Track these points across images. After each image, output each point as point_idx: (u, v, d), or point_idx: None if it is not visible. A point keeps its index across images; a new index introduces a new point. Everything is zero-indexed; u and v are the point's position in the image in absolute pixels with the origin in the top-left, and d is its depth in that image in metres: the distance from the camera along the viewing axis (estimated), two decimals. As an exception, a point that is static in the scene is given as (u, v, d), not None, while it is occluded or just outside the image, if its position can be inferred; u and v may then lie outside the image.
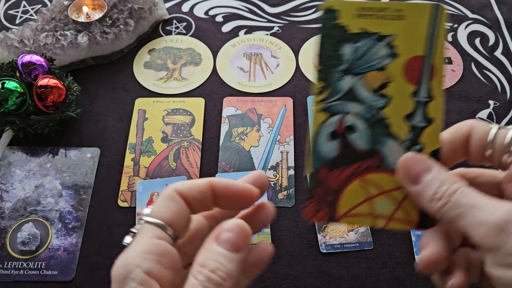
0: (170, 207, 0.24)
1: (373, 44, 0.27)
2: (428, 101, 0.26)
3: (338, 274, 0.48)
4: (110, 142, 0.58)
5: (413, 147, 0.26)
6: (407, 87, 0.27)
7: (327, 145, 0.27)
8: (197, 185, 0.25)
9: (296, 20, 0.72)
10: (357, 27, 0.27)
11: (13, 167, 0.56)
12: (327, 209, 0.26)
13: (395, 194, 0.26)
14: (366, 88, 0.27)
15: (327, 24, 0.27)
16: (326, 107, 0.27)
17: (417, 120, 0.26)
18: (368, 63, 0.27)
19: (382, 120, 0.27)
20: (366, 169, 0.26)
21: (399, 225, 0.26)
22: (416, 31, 0.27)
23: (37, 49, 0.61)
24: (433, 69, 0.27)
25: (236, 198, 0.26)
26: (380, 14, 0.27)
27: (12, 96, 0.53)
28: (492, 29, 0.71)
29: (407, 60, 0.27)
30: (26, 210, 0.52)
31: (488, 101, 0.62)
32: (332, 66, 0.27)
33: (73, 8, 0.65)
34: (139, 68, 0.66)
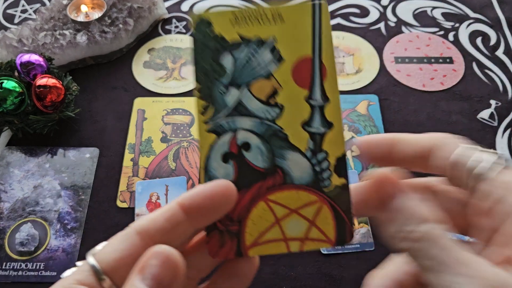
0: (120, 251, 0.20)
1: (254, 50, 0.25)
2: (324, 104, 0.24)
3: (339, 275, 0.47)
4: (109, 142, 0.58)
5: (315, 156, 0.24)
6: (299, 91, 0.24)
7: (222, 168, 0.24)
8: (162, 212, 0.21)
9: (297, 19, 0.71)
10: (235, 34, 0.25)
11: (11, 167, 0.55)
12: (232, 242, 0.23)
13: (306, 212, 0.24)
14: (255, 100, 0.24)
15: (201, 37, 0.25)
16: (213, 127, 0.24)
17: (316, 126, 0.24)
18: (252, 71, 0.24)
19: (278, 132, 0.24)
20: (269, 189, 0.24)
21: (316, 245, 0.24)
22: (299, 31, 0.25)
23: (36, 49, 0.61)
24: (324, 69, 0.24)
25: (209, 205, 0.21)
26: (258, 18, 0.25)
27: (11, 95, 0.52)
28: (494, 28, 0.70)
29: (294, 63, 0.24)
30: (24, 211, 0.52)
31: (489, 101, 0.62)
32: (212, 81, 0.24)
33: (72, 8, 0.65)
34: (138, 68, 0.65)
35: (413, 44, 0.68)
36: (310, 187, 0.24)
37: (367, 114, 0.60)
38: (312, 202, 0.24)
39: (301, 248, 0.24)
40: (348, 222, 0.24)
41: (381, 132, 0.58)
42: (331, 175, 0.24)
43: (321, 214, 0.24)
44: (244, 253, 0.24)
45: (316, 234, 0.24)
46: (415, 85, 0.63)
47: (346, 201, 0.24)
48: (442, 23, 0.71)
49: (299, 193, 0.24)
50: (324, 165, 0.24)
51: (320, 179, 0.24)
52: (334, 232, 0.24)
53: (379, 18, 0.71)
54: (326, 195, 0.24)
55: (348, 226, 0.24)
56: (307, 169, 0.24)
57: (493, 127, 0.59)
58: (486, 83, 0.64)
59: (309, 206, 0.24)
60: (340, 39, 0.69)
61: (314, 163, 0.24)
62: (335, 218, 0.24)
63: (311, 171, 0.24)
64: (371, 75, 0.64)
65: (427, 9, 0.73)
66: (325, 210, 0.24)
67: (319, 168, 0.24)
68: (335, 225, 0.24)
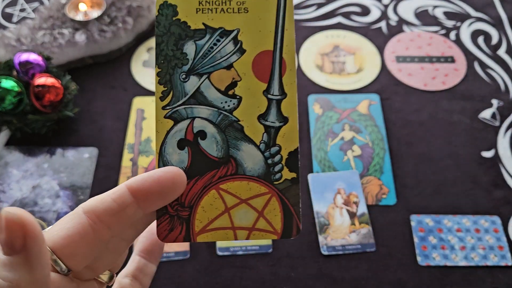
0: (67, 230, 0.20)
1: (217, 40, 0.25)
2: (281, 98, 0.25)
3: (339, 276, 0.47)
4: (108, 142, 0.57)
5: (269, 149, 0.24)
6: (258, 85, 0.25)
7: (177, 154, 0.24)
8: (110, 193, 0.21)
9: (297, 18, 0.71)
10: (199, 22, 0.25)
11: (10, 167, 0.55)
12: (181, 227, 0.24)
13: (255, 203, 0.24)
14: (214, 89, 0.25)
15: (164, 21, 0.25)
16: (171, 113, 0.24)
17: (271, 120, 0.24)
18: (214, 61, 0.25)
19: (234, 123, 0.24)
20: (221, 178, 0.24)
21: (263, 235, 0.24)
22: (262, 24, 0.25)
23: (35, 48, 0.60)
24: (284, 64, 0.25)
25: (156, 190, 0.21)
26: (222, 7, 0.25)
27: (9, 95, 0.52)
28: (496, 27, 0.70)
29: (255, 56, 0.25)
30: (23, 211, 0.52)
31: (491, 101, 0.61)
32: (173, 67, 0.25)
33: (70, 7, 0.65)
34: (137, 67, 0.65)
35: (415, 43, 0.68)
36: (261, 179, 0.24)
37: (368, 113, 0.60)
38: (262, 194, 0.24)
39: (247, 237, 0.24)
40: (296, 216, 0.24)
41: (382, 132, 0.58)
42: (282, 168, 0.24)
43: (269, 205, 0.24)
44: (192, 238, 0.24)
45: (264, 225, 0.24)
46: (416, 84, 0.63)
47: (295, 195, 0.24)
48: (444, 22, 0.70)
49: (250, 184, 0.24)
50: (276, 158, 0.24)
51: (272, 172, 0.24)
52: (281, 225, 0.24)
53: (380, 17, 0.71)
54: (276, 187, 0.24)
55: (295, 219, 0.24)
56: (260, 161, 0.24)
57: (495, 127, 0.59)
58: (488, 83, 0.63)
59: (259, 197, 0.24)
60: (341, 38, 0.68)
61: (267, 156, 0.24)
62: (283, 211, 0.24)
63: (264, 164, 0.24)
64: (372, 74, 0.64)
65: (429, 8, 0.72)
66: (274, 202, 0.24)
67: (272, 161, 0.24)
68: (282, 217, 0.24)
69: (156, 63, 0.25)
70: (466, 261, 0.48)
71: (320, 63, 0.65)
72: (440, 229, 0.50)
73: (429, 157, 0.56)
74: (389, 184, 0.54)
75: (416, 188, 0.53)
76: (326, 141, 0.57)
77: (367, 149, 0.56)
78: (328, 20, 0.71)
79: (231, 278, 0.47)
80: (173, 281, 0.47)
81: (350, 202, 0.52)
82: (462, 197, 0.53)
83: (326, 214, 0.51)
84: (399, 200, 0.52)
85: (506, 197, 0.53)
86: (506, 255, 0.48)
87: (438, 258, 0.48)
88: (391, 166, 0.55)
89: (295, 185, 0.24)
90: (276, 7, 0.25)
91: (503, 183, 0.54)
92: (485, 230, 0.50)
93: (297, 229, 0.24)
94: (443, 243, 0.49)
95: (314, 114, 0.60)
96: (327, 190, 0.53)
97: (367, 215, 0.51)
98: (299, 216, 0.24)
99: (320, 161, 0.55)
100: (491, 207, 0.52)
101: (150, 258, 0.28)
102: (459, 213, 0.51)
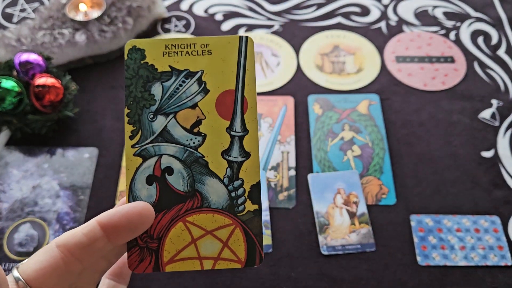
0: (40, 263, 0.22)
1: (182, 81, 0.26)
2: (243, 135, 0.26)
3: (339, 276, 0.47)
4: (108, 141, 0.57)
5: (232, 183, 0.26)
6: (221, 122, 0.26)
7: (146, 190, 0.25)
8: (82, 228, 0.23)
9: (297, 18, 0.71)
10: (166, 65, 0.26)
11: (10, 167, 0.55)
12: (151, 258, 0.25)
13: (220, 234, 0.26)
14: (180, 128, 0.26)
15: (133, 65, 0.26)
16: (140, 151, 0.26)
17: (234, 155, 0.26)
18: (180, 101, 0.26)
19: (199, 159, 0.26)
20: (188, 211, 0.26)
21: (227, 265, 0.26)
22: (225, 65, 0.27)
23: (35, 48, 0.61)
24: (245, 102, 0.26)
25: (125, 224, 0.23)
26: (187, 50, 0.27)
27: (9, 95, 0.52)
28: (495, 27, 0.70)
29: (218, 95, 0.26)
30: (23, 211, 0.52)
31: (491, 101, 0.61)
32: (142, 108, 0.26)
33: (71, 7, 0.65)
34: (138, 67, 0.65)
35: (414, 43, 0.68)
36: (225, 211, 0.26)
37: (368, 113, 0.60)
38: (226, 225, 0.26)
39: (213, 267, 0.26)
40: (258, 245, 0.26)
41: (382, 132, 0.58)
42: (245, 201, 0.26)
43: (233, 236, 0.26)
44: (161, 268, 0.25)
45: (228, 254, 0.26)
46: (416, 84, 0.63)
47: (258, 226, 0.26)
48: (444, 22, 0.70)
49: (215, 216, 0.26)
50: (239, 191, 0.26)
51: (235, 204, 0.26)
52: (245, 254, 0.26)
53: (380, 17, 0.71)
54: (240, 219, 0.26)
55: (258, 249, 0.26)
56: (224, 194, 0.26)
57: (495, 127, 0.59)
58: (487, 83, 0.63)
59: (223, 229, 0.26)
60: (341, 38, 0.68)
61: (230, 189, 0.26)
62: (246, 241, 0.26)
63: (227, 197, 0.26)
64: (372, 74, 0.64)
65: (428, 8, 0.73)
66: (237, 233, 0.26)
67: (235, 194, 0.26)
68: (246, 247, 0.26)
69: (125, 104, 0.26)
70: (466, 261, 0.48)
71: (320, 63, 0.65)
72: (440, 229, 0.50)
73: (429, 157, 0.56)
74: (389, 184, 0.54)
75: (416, 188, 0.53)
76: (326, 141, 0.57)
77: (367, 149, 0.56)
78: (328, 20, 0.71)
79: (231, 278, 0.47)
80: (173, 281, 0.47)
81: (350, 202, 0.52)
82: (462, 197, 0.53)
83: (326, 214, 0.51)
84: (399, 200, 0.52)
85: (506, 197, 0.53)
86: (505, 255, 0.48)
87: (438, 258, 0.48)
88: (391, 166, 0.55)
89: (257, 216, 0.26)
90: (238, 49, 0.27)
91: (502, 183, 0.54)
92: (485, 230, 0.50)
93: (260, 257, 0.26)
94: (443, 243, 0.49)
95: (314, 114, 0.60)
96: (327, 190, 0.53)
97: (367, 215, 0.51)
98: (261, 245, 0.26)
99: (320, 161, 0.55)
100: (491, 207, 0.52)
101: (119, 280, 0.29)
102: (459, 213, 0.51)
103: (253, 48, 0.27)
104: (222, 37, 0.27)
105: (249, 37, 0.27)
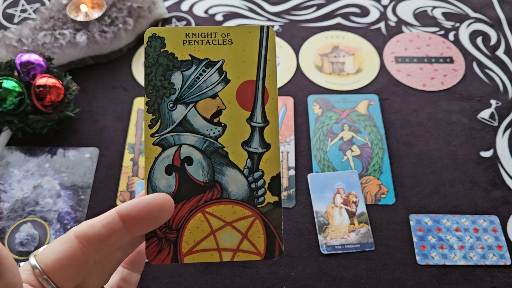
0: (58, 253, 0.21)
1: (203, 70, 0.26)
2: (263, 126, 0.26)
3: (339, 275, 0.47)
4: (109, 142, 0.57)
5: (252, 174, 0.26)
6: (242, 113, 0.26)
7: (165, 179, 0.25)
8: (101, 219, 0.22)
9: (297, 19, 0.71)
10: (186, 53, 0.26)
11: (11, 167, 0.55)
12: (169, 249, 0.25)
13: (239, 225, 0.25)
14: (200, 117, 0.26)
15: (153, 53, 0.26)
16: (159, 140, 0.26)
17: (254, 146, 0.26)
18: (200, 91, 0.26)
19: (219, 149, 0.26)
20: (207, 202, 0.25)
21: (246, 257, 0.25)
22: (246, 55, 0.26)
23: (36, 48, 0.61)
24: (266, 93, 0.26)
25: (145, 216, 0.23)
26: (207, 39, 0.26)
27: (10, 95, 0.52)
28: (494, 28, 0.70)
29: (239, 86, 0.26)
30: (24, 211, 0.52)
31: (490, 101, 0.61)
32: (161, 97, 0.26)
33: (71, 7, 0.65)
34: (138, 67, 0.65)
35: (414, 43, 0.68)
36: (245, 202, 0.26)
37: (367, 114, 0.60)
38: (246, 217, 0.25)
39: (232, 258, 0.25)
40: (278, 237, 0.26)
41: (381, 132, 0.58)
42: (265, 192, 0.26)
43: (253, 228, 0.25)
44: (180, 259, 0.25)
45: (247, 246, 0.25)
46: (415, 84, 0.63)
47: (278, 218, 0.26)
48: (443, 23, 0.71)
49: (235, 208, 0.25)
50: (259, 183, 0.26)
51: (255, 195, 0.26)
52: (264, 246, 0.25)
53: (379, 18, 0.71)
54: (259, 211, 0.26)
55: (277, 241, 0.25)
56: (244, 185, 0.26)
57: (494, 127, 0.59)
58: (486, 83, 0.63)
59: (243, 220, 0.25)
60: (340, 39, 0.69)
61: (250, 180, 0.26)
62: (266, 233, 0.25)
63: (247, 188, 0.26)
64: (371, 74, 0.64)
65: (428, 8, 0.73)
66: (257, 225, 0.25)
67: (255, 185, 0.26)
68: (265, 239, 0.25)
69: (145, 93, 0.26)
70: (465, 261, 0.48)
71: (319, 64, 0.66)
72: (439, 228, 0.50)
73: (428, 157, 0.56)
74: (388, 183, 0.54)
75: (415, 188, 0.54)
76: (325, 141, 0.57)
77: (366, 149, 0.57)
78: (328, 21, 0.71)
79: (231, 277, 0.47)
80: (173, 280, 0.47)
81: (350, 201, 0.52)
82: (461, 196, 0.53)
83: (326, 213, 0.51)
84: (398, 200, 0.53)
85: (505, 196, 0.53)
86: (504, 255, 0.48)
87: (437, 257, 0.48)
88: (390, 166, 0.55)
89: (277, 208, 0.26)
90: (259, 39, 0.26)
91: (501, 183, 0.54)
92: (484, 230, 0.50)
93: (280, 250, 0.25)
94: (442, 242, 0.49)
95: (314, 114, 0.60)
96: (327, 190, 0.53)
97: (366, 214, 0.51)
98: (281, 238, 0.26)
99: (319, 161, 0.56)
100: (490, 207, 0.52)
101: (133, 268, 0.29)
102: (458, 213, 0.52)
103: (274, 38, 0.27)
104: (244, 26, 0.27)
105: (270, 27, 0.27)
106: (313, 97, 0.62)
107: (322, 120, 0.59)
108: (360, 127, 0.59)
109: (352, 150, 0.57)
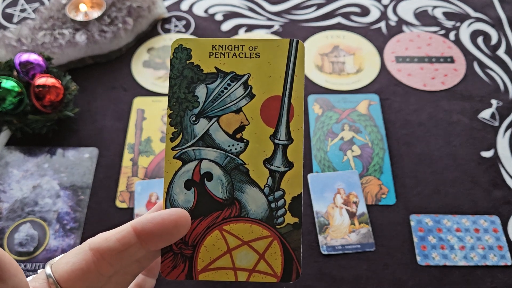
0: (72, 264, 0.21)
1: (228, 84, 0.25)
2: (287, 144, 0.25)
3: (339, 275, 0.47)
4: (108, 142, 0.57)
5: (273, 193, 0.25)
6: (265, 129, 0.25)
7: (183, 194, 0.25)
8: (116, 233, 0.22)
9: (297, 18, 0.71)
10: (211, 66, 0.25)
11: (10, 167, 0.55)
12: (184, 265, 0.24)
13: (257, 245, 0.25)
14: (222, 132, 0.25)
15: (178, 64, 0.25)
16: (180, 154, 0.25)
17: (277, 164, 0.25)
18: (223, 105, 0.25)
19: (240, 166, 0.25)
20: (225, 219, 0.25)
21: (262, 278, 0.24)
22: (273, 69, 0.25)
23: (35, 48, 0.61)
24: (292, 110, 0.25)
25: (160, 232, 0.22)
26: (234, 52, 0.26)
27: (10, 95, 0.52)
28: (495, 27, 0.70)
29: (264, 101, 0.25)
30: (23, 211, 0.52)
31: (490, 101, 0.61)
32: (184, 110, 0.25)
33: (71, 7, 0.65)
34: (137, 67, 0.65)
35: (414, 43, 0.68)
36: (264, 222, 0.25)
37: (368, 113, 0.60)
38: (264, 237, 0.25)
39: (247, 279, 0.25)
40: (296, 260, 0.25)
41: (382, 132, 0.58)
42: (285, 213, 0.25)
43: (271, 249, 0.25)
44: (194, 276, 0.24)
45: (264, 267, 0.25)
46: (416, 84, 0.63)
47: (297, 240, 0.25)
48: (443, 23, 0.71)
49: (253, 227, 0.25)
50: (280, 203, 0.25)
51: (275, 215, 0.25)
52: (281, 268, 0.24)
53: (380, 17, 0.71)
54: (278, 231, 0.25)
55: (295, 264, 0.25)
56: (263, 204, 0.25)
57: (494, 127, 0.59)
58: (487, 83, 0.63)
59: (260, 240, 0.25)
60: (340, 39, 0.68)
61: (270, 200, 0.25)
62: (283, 255, 0.25)
63: (267, 207, 0.25)
64: (371, 74, 0.64)
65: (428, 8, 0.73)
66: (275, 246, 0.25)
67: (275, 205, 0.25)
68: (283, 261, 0.25)
69: (168, 105, 0.25)
70: (466, 261, 0.48)
71: (319, 63, 0.65)
72: (440, 229, 0.50)
73: (429, 157, 0.56)
74: (388, 184, 0.54)
75: (416, 188, 0.53)
76: (325, 141, 0.57)
77: (367, 149, 0.57)
78: (328, 20, 0.71)
79: (231, 277, 0.47)
80: (173, 281, 0.47)
81: (350, 202, 0.52)
82: (462, 197, 0.53)
83: (326, 214, 0.51)
84: (399, 200, 0.52)
85: (505, 197, 0.53)
86: (505, 255, 0.48)
87: (438, 257, 0.48)
88: (390, 166, 0.55)
89: (296, 230, 0.25)
90: (287, 53, 0.25)
91: (502, 183, 0.54)
92: (485, 230, 0.50)
93: (297, 273, 0.25)
94: (443, 243, 0.49)
95: (314, 114, 0.60)
96: (327, 190, 0.53)
97: (366, 215, 0.51)
98: (299, 261, 0.25)
99: (319, 161, 0.55)
100: (490, 207, 0.52)
101: (148, 274, 0.29)
102: (458, 213, 0.51)
103: (304, 52, 0.26)
104: (272, 39, 0.26)
105: (299, 41, 0.26)
106: (313, 97, 0.61)
107: (322, 120, 0.59)
108: (361, 127, 0.58)
109: (353, 150, 0.57)
